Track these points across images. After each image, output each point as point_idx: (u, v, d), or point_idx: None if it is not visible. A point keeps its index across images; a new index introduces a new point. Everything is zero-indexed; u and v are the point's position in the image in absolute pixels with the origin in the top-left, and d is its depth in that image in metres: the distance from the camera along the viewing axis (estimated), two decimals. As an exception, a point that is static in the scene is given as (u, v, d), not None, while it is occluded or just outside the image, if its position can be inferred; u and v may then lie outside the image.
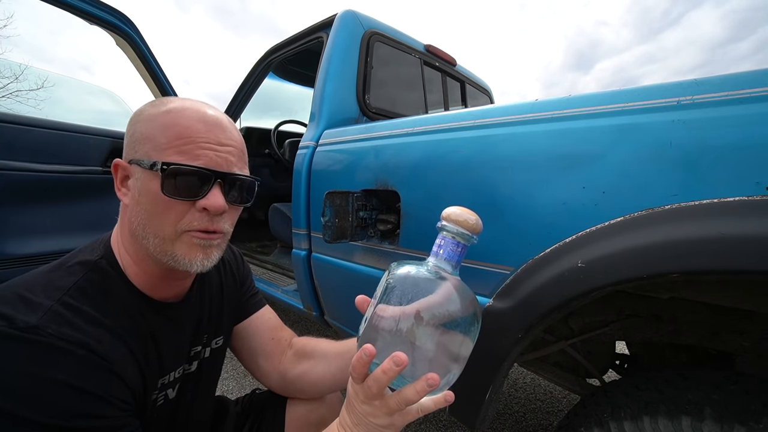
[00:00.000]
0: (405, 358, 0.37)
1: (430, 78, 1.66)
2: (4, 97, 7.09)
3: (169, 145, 0.46)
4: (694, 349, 0.85)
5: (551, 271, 0.55)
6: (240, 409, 0.77)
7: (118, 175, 0.49)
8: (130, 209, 0.49)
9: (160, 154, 0.45)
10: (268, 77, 1.81)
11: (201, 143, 0.47)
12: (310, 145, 1.17)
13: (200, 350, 0.64)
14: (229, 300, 0.69)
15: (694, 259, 0.43)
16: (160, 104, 0.49)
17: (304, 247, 1.17)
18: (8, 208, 1.20)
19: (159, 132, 0.46)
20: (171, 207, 0.46)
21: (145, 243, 0.48)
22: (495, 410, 0.71)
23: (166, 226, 0.47)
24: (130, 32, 1.47)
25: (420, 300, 0.40)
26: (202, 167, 0.46)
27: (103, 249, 0.51)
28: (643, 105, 0.51)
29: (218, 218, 0.49)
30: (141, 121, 0.48)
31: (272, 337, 0.73)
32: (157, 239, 0.47)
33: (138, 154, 0.47)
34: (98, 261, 0.49)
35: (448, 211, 0.45)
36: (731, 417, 0.45)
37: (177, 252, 0.47)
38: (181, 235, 0.47)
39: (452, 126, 0.75)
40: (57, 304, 0.42)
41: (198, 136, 0.47)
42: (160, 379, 0.54)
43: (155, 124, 0.47)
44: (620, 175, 0.51)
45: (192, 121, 0.47)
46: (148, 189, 0.46)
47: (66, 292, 0.44)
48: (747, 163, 0.42)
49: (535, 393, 1.58)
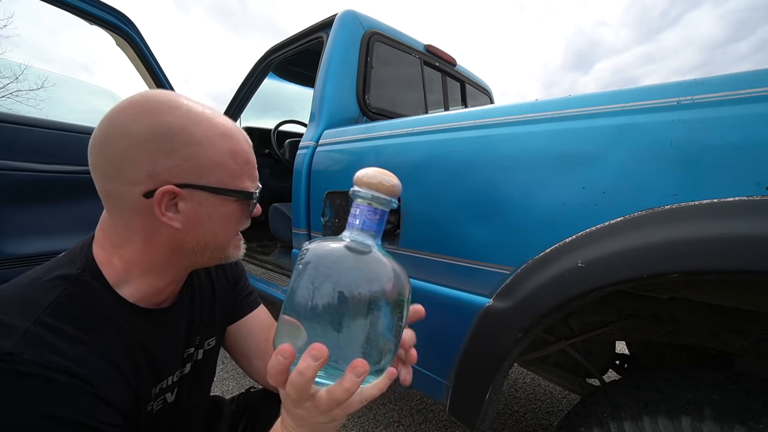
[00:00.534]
0: (324, 350, 0.31)
1: (430, 78, 1.66)
2: (4, 97, 7.08)
3: (242, 171, 0.49)
4: (694, 349, 0.85)
5: (551, 271, 0.55)
6: (235, 407, 0.77)
7: (164, 202, 0.44)
8: (183, 232, 0.47)
9: (236, 180, 0.49)
10: (268, 77, 1.81)
11: (254, 165, 0.53)
12: (310, 145, 1.17)
13: (193, 352, 0.63)
14: (221, 300, 0.69)
15: (694, 259, 0.43)
16: (207, 123, 0.46)
17: (304, 247, 1.17)
18: (8, 208, 1.20)
19: (229, 159, 0.48)
20: (238, 222, 0.52)
21: (196, 257, 0.51)
22: (495, 410, 0.72)
23: (230, 237, 0.52)
24: (130, 32, 1.47)
25: (338, 278, 0.34)
26: (259, 186, 0.54)
27: (84, 260, 0.48)
28: (643, 105, 0.51)
29: None
30: (198, 144, 0.45)
31: (266, 338, 0.73)
32: (218, 250, 0.51)
33: (207, 180, 0.46)
34: (80, 274, 0.46)
35: (359, 174, 0.38)
36: (731, 417, 0.45)
37: (230, 252, 0.53)
38: (233, 238, 0.54)
39: (452, 126, 0.75)
40: (34, 325, 0.39)
41: (252, 158, 0.52)
42: (158, 384, 0.54)
43: (221, 151, 0.47)
44: (620, 175, 0.51)
45: (245, 145, 0.51)
46: (224, 212, 0.49)
47: (44, 310, 0.41)
48: (747, 163, 0.42)
49: (535, 393, 1.58)
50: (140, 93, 0.46)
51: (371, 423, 1.36)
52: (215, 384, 1.64)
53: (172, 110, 0.45)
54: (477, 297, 0.67)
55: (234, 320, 0.72)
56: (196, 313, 0.63)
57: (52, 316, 0.41)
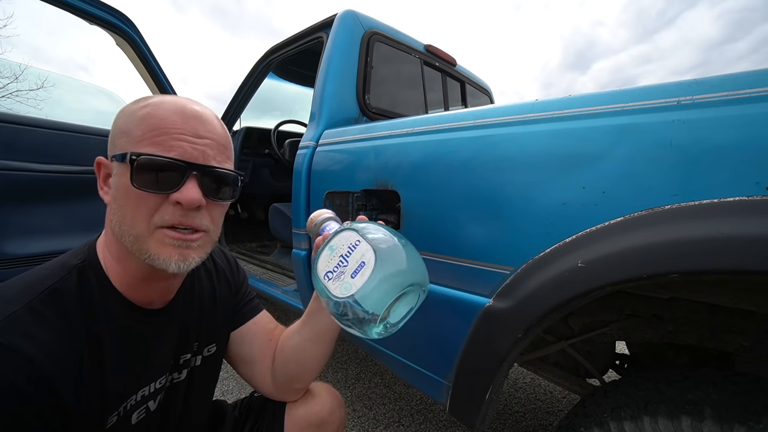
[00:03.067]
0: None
1: (430, 78, 1.66)
2: (4, 97, 7.09)
3: (143, 137, 0.44)
4: (694, 349, 0.85)
5: (551, 271, 0.55)
6: (238, 413, 0.76)
7: (101, 174, 0.48)
8: (109, 207, 0.47)
9: (134, 146, 0.44)
10: (268, 77, 1.81)
11: (175, 134, 0.45)
12: (310, 145, 1.17)
13: (190, 358, 0.62)
14: (223, 306, 0.68)
15: (694, 259, 0.43)
16: (141, 100, 0.48)
17: (304, 247, 1.17)
18: (8, 208, 1.20)
19: (135, 125, 0.45)
20: (143, 201, 0.44)
21: (123, 241, 0.46)
22: (495, 410, 0.72)
23: (138, 221, 0.44)
24: (130, 32, 1.47)
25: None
26: (174, 158, 0.44)
27: (87, 252, 0.50)
28: (643, 105, 0.51)
29: (195, 214, 0.47)
30: (121, 116, 0.47)
31: (270, 339, 0.72)
32: (132, 237, 0.45)
33: (116, 149, 0.46)
34: (79, 264, 0.48)
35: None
36: (731, 417, 0.45)
37: (151, 250, 0.45)
38: (155, 232, 0.45)
39: (452, 126, 0.75)
40: (23, 308, 0.41)
41: (173, 127, 0.45)
42: (139, 391, 0.52)
43: (132, 118, 0.46)
44: (620, 175, 0.51)
45: (168, 113, 0.46)
46: (122, 183, 0.44)
47: (37, 296, 0.42)
48: (747, 163, 0.42)
49: (535, 393, 1.58)
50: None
51: (371, 423, 1.36)
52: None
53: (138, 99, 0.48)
54: (477, 297, 0.67)
55: (237, 326, 0.71)
56: (193, 318, 0.62)
57: (43, 302, 0.42)
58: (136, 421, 0.52)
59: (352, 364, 1.82)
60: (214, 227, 0.51)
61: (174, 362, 0.59)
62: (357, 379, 1.68)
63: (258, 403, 0.76)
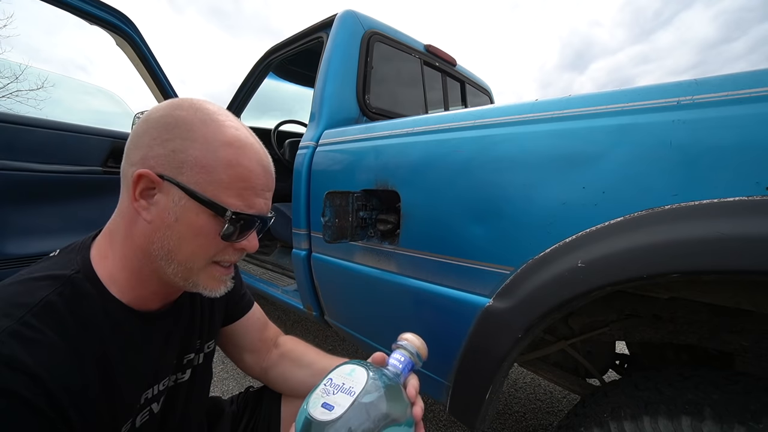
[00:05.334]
0: None
1: (430, 78, 1.66)
2: (4, 97, 7.09)
3: (230, 185, 0.44)
4: (694, 349, 0.85)
5: (551, 271, 0.55)
6: (235, 408, 0.77)
7: (139, 185, 0.44)
8: (152, 228, 0.44)
9: (219, 191, 0.44)
10: (268, 77, 1.81)
11: (259, 190, 0.47)
12: (310, 145, 1.17)
13: (193, 357, 0.62)
14: (218, 304, 0.69)
15: (694, 259, 0.43)
16: (216, 127, 0.45)
17: (304, 247, 1.17)
18: (8, 208, 1.21)
19: (220, 167, 0.44)
20: (213, 244, 0.46)
21: (162, 266, 0.45)
22: (495, 410, 0.72)
23: (199, 259, 0.46)
24: (130, 32, 1.47)
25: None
26: (257, 215, 0.47)
27: (81, 261, 0.47)
28: (643, 105, 0.51)
29: None
30: (193, 140, 0.44)
31: (260, 338, 0.75)
32: (182, 267, 0.45)
33: (185, 178, 0.43)
34: (73, 276, 0.45)
35: (411, 336, 0.52)
36: (731, 417, 0.45)
37: (200, 282, 0.47)
38: (208, 267, 0.47)
39: (452, 126, 0.75)
40: (17, 323, 0.37)
41: (258, 182, 0.47)
42: (143, 394, 0.52)
43: (215, 156, 0.44)
44: (620, 175, 0.51)
45: (254, 164, 0.47)
46: (193, 221, 0.44)
47: (29, 311, 0.39)
48: (747, 163, 0.42)
49: (535, 393, 1.58)
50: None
51: (371, 423, 1.36)
52: (215, 384, 1.64)
53: (191, 109, 0.46)
54: (477, 297, 0.67)
55: (230, 322, 0.72)
56: (197, 318, 0.62)
57: (37, 317, 0.39)
58: (139, 424, 0.52)
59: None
60: None
61: (178, 362, 0.60)
62: (357, 379, 1.68)
63: (254, 397, 0.78)
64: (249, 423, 0.74)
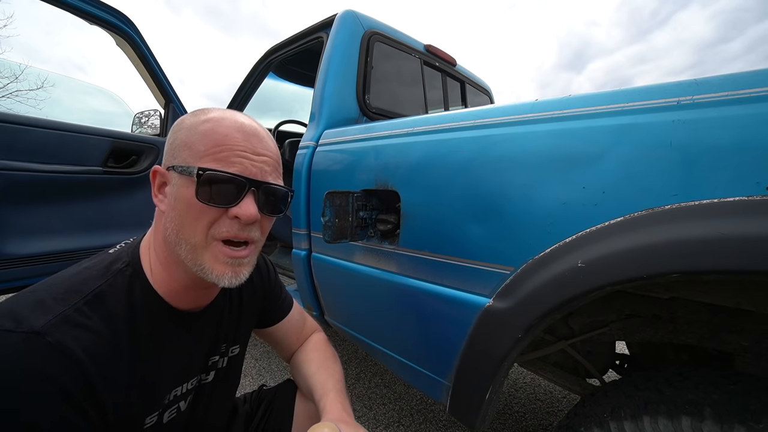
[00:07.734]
0: None
1: (430, 78, 1.66)
2: (4, 97, 7.08)
3: (206, 152, 0.46)
4: (694, 349, 0.85)
5: (551, 271, 0.55)
6: (248, 408, 0.78)
7: (156, 182, 0.50)
8: (165, 215, 0.49)
9: (198, 160, 0.46)
10: (268, 77, 1.81)
11: (237, 151, 0.47)
12: (310, 145, 1.17)
13: (218, 360, 0.64)
14: (247, 309, 0.70)
15: (693, 259, 0.43)
16: (201, 114, 0.50)
17: (304, 247, 1.17)
18: (8, 208, 1.21)
19: (198, 139, 0.47)
20: (204, 213, 0.47)
21: (177, 249, 0.48)
22: (495, 410, 0.72)
23: (197, 232, 0.47)
24: (130, 32, 1.47)
25: None
26: (237, 174, 0.47)
27: (131, 256, 0.52)
28: (643, 105, 0.51)
29: (249, 227, 0.50)
30: (182, 129, 0.49)
31: (297, 338, 0.80)
32: (189, 246, 0.47)
33: (176, 160, 0.48)
34: (123, 269, 0.50)
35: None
36: (731, 417, 0.45)
37: (206, 263, 0.48)
38: (211, 244, 0.48)
39: (452, 126, 0.75)
40: (70, 309, 0.42)
41: (235, 144, 0.47)
42: (172, 391, 0.54)
43: (195, 132, 0.48)
44: (620, 175, 0.51)
45: (230, 130, 0.48)
46: (183, 195, 0.46)
47: (83, 298, 0.44)
48: (747, 163, 0.42)
49: (535, 393, 1.58)
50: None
51: (371, 423, 1.36)
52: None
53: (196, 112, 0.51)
54: (477, 297, 0.67)
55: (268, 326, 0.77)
56: (224, 322, 0.64)
57: (88, 305, 0.44)
58: (167, 420, 0.54)
59: (352, 364, 1.81)
60: (262, 237, 0.54)
61: (204, 363, 0.61)
62: (357, 379, 1.68)
63: (267, 394, 0.80)
64: (262, 420, 0.75)
